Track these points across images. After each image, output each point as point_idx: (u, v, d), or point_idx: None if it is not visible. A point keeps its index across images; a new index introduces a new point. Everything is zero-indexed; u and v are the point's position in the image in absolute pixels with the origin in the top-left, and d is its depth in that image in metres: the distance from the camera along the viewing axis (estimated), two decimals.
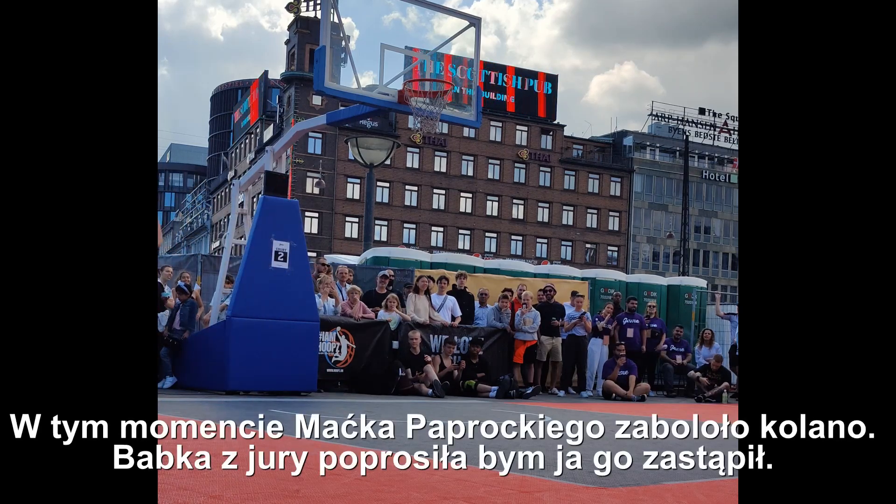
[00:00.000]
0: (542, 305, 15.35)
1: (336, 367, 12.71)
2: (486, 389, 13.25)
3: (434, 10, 11.98)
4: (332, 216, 61.27)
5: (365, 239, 24.19)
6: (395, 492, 3.77)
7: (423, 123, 11.06)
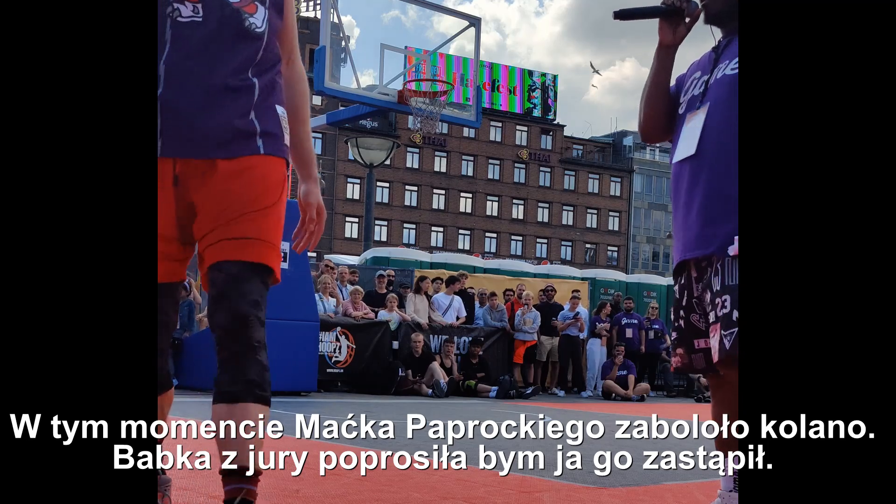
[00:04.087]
0: (542, 305, 15.36)
1: (336, 367, 12.70)
2: (486, 389, 13.25)
3: (434, 10, 11.99)
4: (332, 216, 61.23)
5: (365, 239, 24.20)
6: (395, 492, 3.77)
7: (423, 123, 11.07)
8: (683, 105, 2.76)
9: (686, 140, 2.67)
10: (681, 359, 2.83)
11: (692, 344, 2.77)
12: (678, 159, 2.71)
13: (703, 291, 2.63)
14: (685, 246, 2.67)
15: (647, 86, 2.79)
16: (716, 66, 2.66)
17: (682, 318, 2.78)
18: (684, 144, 2.68)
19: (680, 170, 2.71)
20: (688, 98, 2.75)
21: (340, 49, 11.08)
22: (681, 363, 2.84)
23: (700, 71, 2.75)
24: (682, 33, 2.66)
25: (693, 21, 2.64)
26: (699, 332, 2.73)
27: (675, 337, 2.85)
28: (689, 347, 2.78)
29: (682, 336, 2.81)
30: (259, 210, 2.36)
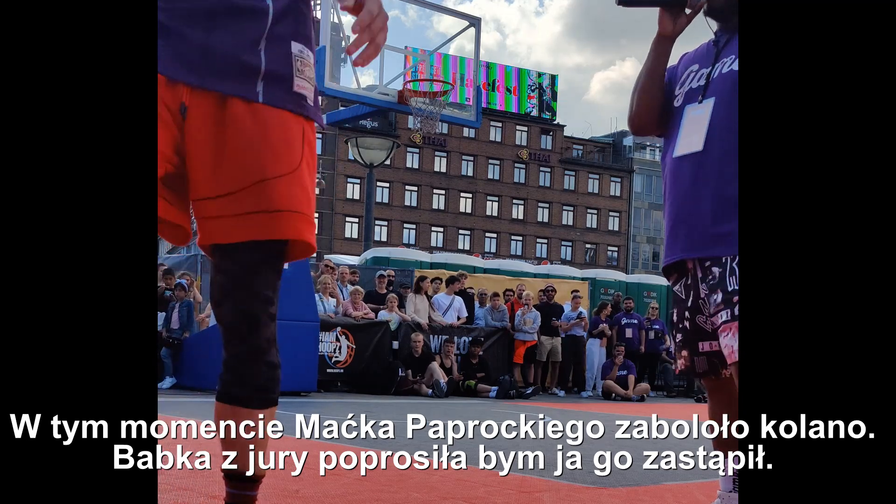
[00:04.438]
0: (542, 306, 15.37)
1: (336, 368, 12.70)
2: (486, 389, 13.24)
3: (434, 10, 11.98)
4: (332, 216, 61.25)
5: (365, 239, 24.20)
6: (395, 492, 3.77)
7: (423, 123, 11.06)
8: (680, 97, 2.70)
9: (689, 135, 2.61)
10: (685, 361, 2.77)
11: (696, 346, 2.71)
12: (680, 154, 2.64)
13: (710, 292, 2.54)
14: (690, 244, 2.59)
15: (643, 77, 2.73)
16: (717, 59, 2.62)
17: (688, 320, 2.71)
18: (687, 139, 2.62)
19: (679, 165, 2.65)
20: (685, 90, 2.69)
21: (340, 49, 11.08)
22: (685, 366, 2.78)
23: (697, 63, 2.70)
24: (682, 24, 2.63)
25: (695, 13, 2.60)
26: (705, 335, 2.66)
27: (680, 339, 2.78)
28: (694, 350, 2.72)
29: (687, 338, 2.74)
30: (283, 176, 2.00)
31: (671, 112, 2.73)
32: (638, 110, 2.77)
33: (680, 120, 2.68)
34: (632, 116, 2.81)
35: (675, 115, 2.70)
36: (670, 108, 2.73)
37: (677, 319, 2.78)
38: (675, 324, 2.80)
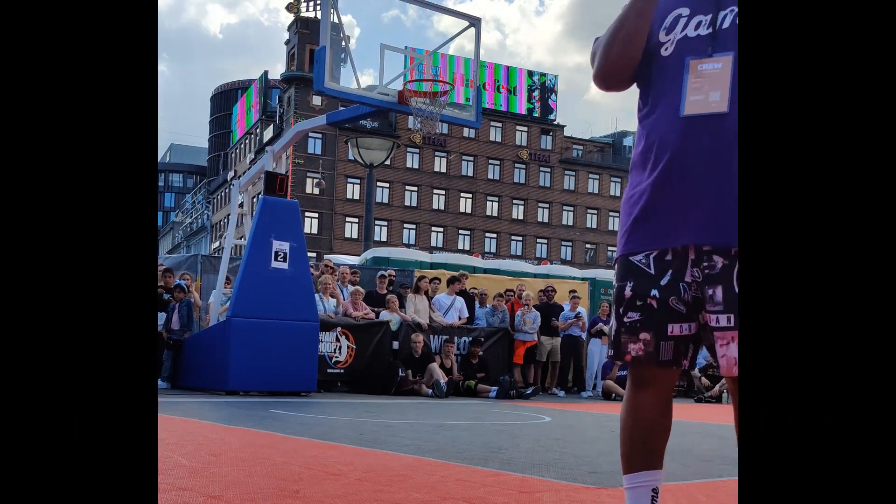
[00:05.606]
0: (542, 306, 15.39)
1: (336, 368, 12.72)
2: (486, 389, 13.25)
3: (434, 10, 11.99)
4: (332, 216, 61.28)
5: (365, 239, 24.23)
6: (395, 492, 3.77)
7: (423, 124, 11.06)
8: (670, 46, 2.35)
9: (701, 92, 2.25)
10: (644, 346, 2.33)
11: (665, 328, 2.31)
12: (691, 113, 2.27)
13: (706, 282, 2.23)
14: (696, 229, 2.24)
15: (626, 24, 2.36)
16: (720, 7, 2.29)
17: (655, 299, 2.31)
18: (699, 97, 2.26)
19: (689, 126, 2.27)
20: (676, 38, 2.34)
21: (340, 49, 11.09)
22: (643, 351, 2.34)
23: (687, 7, 2.35)
24: None
25: None
26: (676, 316, 2.30)
27: (638, 319, 2.34)
28: (661, 333, 2.32)
29: (651, 318, 2.32)
30: None
31: (653, 61, 2.38)
32: (616, 63, 2.38)
33: (673, 73, 2.33)
34: (606, 68, 2.40)
35: (666, 65, 2.35)
36: (652, 57, 2.38)
37: (634, 296, 2.36)
38: (630, 300, 2.36)
